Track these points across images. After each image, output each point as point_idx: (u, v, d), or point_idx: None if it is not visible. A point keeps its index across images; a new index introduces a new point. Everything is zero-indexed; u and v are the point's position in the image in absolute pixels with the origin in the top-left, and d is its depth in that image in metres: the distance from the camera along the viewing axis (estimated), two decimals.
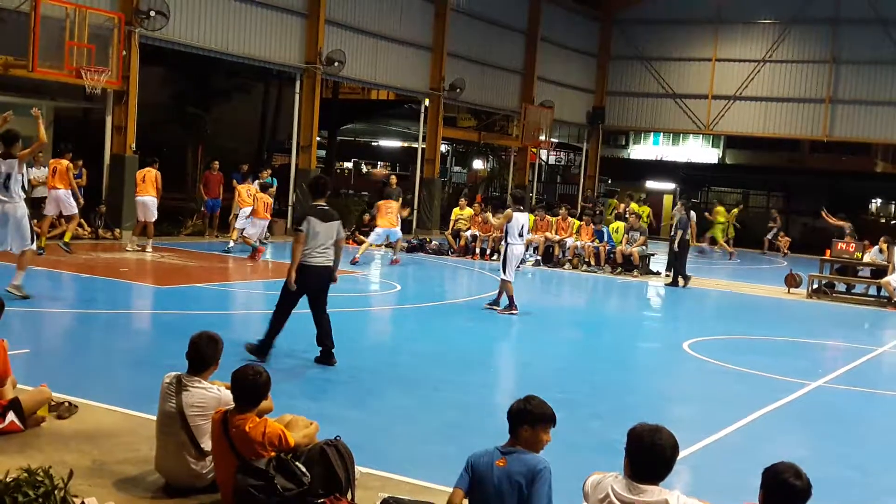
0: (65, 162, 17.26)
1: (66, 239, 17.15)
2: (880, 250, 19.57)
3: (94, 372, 9.01)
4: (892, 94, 33.41)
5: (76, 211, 17.53)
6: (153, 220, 18.87)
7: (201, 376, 5.91)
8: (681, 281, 19.74)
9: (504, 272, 13.99)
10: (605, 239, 22.20)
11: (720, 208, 31.11)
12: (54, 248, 16.90)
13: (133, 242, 18.90)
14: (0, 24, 18.83)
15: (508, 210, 14.25)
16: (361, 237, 23.96)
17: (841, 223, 21.80)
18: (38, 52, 17.73)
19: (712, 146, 47.34)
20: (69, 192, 17.17)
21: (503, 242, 14.37)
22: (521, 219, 14.16)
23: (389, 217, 20.86)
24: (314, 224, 9.43)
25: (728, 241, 30.48)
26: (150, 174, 18.92)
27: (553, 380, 10.16)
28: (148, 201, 18.73)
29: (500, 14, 32.54)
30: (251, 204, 19.78)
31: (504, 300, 14.24)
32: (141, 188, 18.91)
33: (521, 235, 14.15)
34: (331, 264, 9.65)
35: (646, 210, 29.21)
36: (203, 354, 5.91)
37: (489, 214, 22.09)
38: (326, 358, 9.69)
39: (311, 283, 9.57)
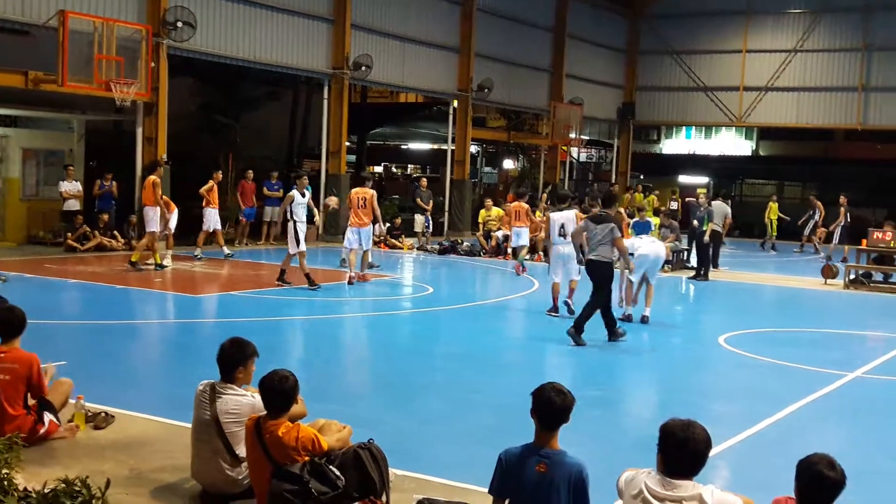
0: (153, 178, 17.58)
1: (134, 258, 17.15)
2: None
3: (128, 382, 9.10)
4: None
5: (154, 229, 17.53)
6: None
7: (233, 381, 5.95)
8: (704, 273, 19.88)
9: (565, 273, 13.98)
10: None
11: (773, 205, 30.71)
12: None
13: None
14: (29, 40, 19.11)
15: (548, 213, 14.36)
16: (393, 241, 24.07)
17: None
18: (67, 66, 17.92)
19: (745, 138, 46.76)
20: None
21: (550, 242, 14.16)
22: (560, 218, 13.92)
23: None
24: (590, 226, 11.93)
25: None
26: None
27: (586, 378, 10.11)
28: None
29: (526, 12, 32.47)
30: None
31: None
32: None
33: (561, 236, 13.83)
34: (603, 259, 11.74)
35: (651, 199, 28.98)
36: (230, 358, 5.94)
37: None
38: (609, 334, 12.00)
39: (590, 274, 11.90)
